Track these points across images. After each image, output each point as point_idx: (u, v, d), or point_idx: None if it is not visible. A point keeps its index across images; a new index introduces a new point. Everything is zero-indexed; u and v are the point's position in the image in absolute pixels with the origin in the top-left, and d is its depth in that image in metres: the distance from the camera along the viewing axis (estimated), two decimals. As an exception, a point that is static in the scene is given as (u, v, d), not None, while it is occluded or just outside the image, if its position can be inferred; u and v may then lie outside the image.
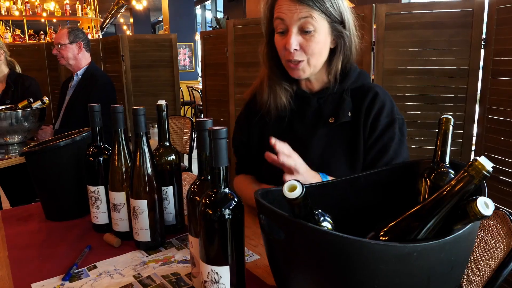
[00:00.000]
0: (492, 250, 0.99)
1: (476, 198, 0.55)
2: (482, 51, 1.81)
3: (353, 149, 1.06)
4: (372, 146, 1.05)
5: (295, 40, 1.00)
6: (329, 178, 1.02)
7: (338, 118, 1.07)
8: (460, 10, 1.83)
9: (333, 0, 1.00)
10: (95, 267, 0.92)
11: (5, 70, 2.59)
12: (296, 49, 1.01)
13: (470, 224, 0.58)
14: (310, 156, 1.08)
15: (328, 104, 1.09)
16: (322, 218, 0.64)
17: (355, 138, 1.06)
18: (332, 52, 1.06)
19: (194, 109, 7.58)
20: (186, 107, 8.14)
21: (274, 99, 1.11)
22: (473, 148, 1.93)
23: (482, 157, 0.56)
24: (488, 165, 0.55)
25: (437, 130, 0.77)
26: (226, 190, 0.66)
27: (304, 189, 0.53)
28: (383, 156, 1.05)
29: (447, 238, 0.56)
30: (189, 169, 2.88)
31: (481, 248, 1.01)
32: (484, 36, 1.80)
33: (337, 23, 1.02)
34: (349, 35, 1.04)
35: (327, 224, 0.64)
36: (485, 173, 0.55)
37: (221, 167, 0.65)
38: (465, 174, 0.56)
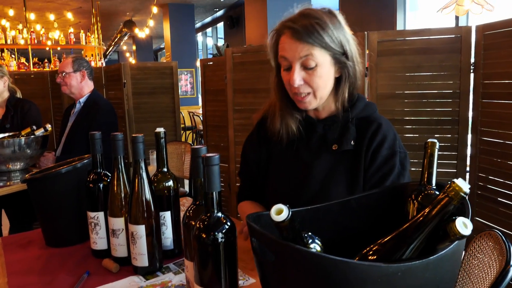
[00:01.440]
0: (486, 269, 1.00)
1: (455, 219, 0.58)
2: (472, 75, 1.86)
3: (353, 177, 1.09)
4: (371, 176, 1.08)
5: (298, 76, 1.03)
6: None
7: (341, 146, 1.09)
8: (449, 36, 1.89)
9: (332, 34, 1.01)
10: (93, 292, 0.94)
11: (6, 95, 2.64)
12: (300, 84, 1.04)
13: (454, 244, 0.60)
14: (312, 181, 1.11)
15: (333, 131, 1.12)
16: (310, 241, 0.66)
17: (356, 167, 1.08)
18: (338, 81, 1.08)
19: (195, 134, 7.64)
20: (188, 132, 8.21)
21: (286, 128, 1.14)
22: (467, 169, 1.96)
23: (459, 179, 0.59)
24: (465, 186, 0.58)
25: (423, 153, 0.80)
26: (219, 214, 0.69)
27: (290, 212, 0.55)
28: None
29: (431, 258, 0.58)
30: (189, 194, 2.90)
31: (475, 266, 1.02)
32: (473, 60, 1.86)
33: (339, 55, 1.04)
34: (353, 65, 1.06)
35: (316, 246, 0.66)
36: (462, 194, 0.58)
37: (214, 192, 0.68)
38: (444, 196, 0.59)
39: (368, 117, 1.12)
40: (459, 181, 0.58)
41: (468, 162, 1.94)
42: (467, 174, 1.95)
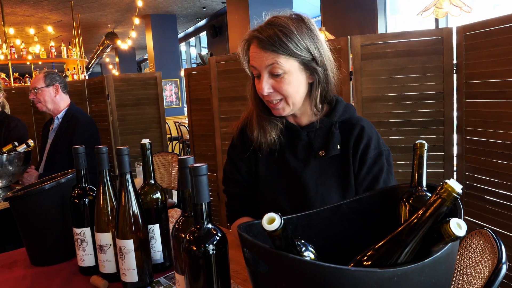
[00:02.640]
0: (479, 268, 1.00)
1: (449, 220, 0.57)
2: (455, 75, 1.88)
3: (344, 181, 1.10)
4: (363, 179, 1.09)
5: (266, 84, 1.04)
6: None
7: (328, 152, 1.10)
8: (430, 38, 1.92)
9: (297, 41, 1.02)
10: (81, 311, 0.90)
11: None
12: (270, 92, 1.05)
13: (448, 246, 0.60)
14: (304, 189, 1.11)
15: (317, 137, 1.13)
16: (304, 249, 0.65)
17: (346, 170, 1.10)
18: (311, 86, 1.09)
19: (182, 144, 7.59)
20: (174, 142, 8.14)
21: (264, 135, 1.14)
22: (454, 168, 1.97)
23: (452, 180, 0.59)
24: (458, 187, 0.57)
25: (412, 155, 0.80)
26: (209, 225, 0.67)
27: (282, 221, 0.54)
28: (374, 187, 1.08)
29: (426, 261, 0.57)
30: (178, 205, 2.86)
31: (468, 265, 1.02)
32: (455, 61, 1.88)
33: (308, 61, 1.04)
34: (323, 70, 1.06)
35: (309, 254, 0.65)
36: (455, 195, 0.57)
37: (203, 203, 0.66)
38: (437, 197, 0.59)
39: (349, 119, 1.14)
40: (451, 182, 0.58)
41: (455, 162, 1.96)
42: (455, 174, 1.97)
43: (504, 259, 0.90)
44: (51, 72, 2.42)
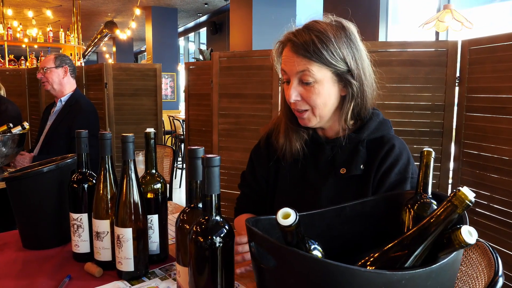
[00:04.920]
0: (473, 282, 1.01)
1: (460, 227, 0.57)
2: (457, 88, 1.90)
3: None
4: None
5: (294, 91, 0.99)
6: None
7: (350, 170, 1.02)
8: (435, 49, 1.94)
9: (334, 49, 0.95)
10: (75, 297, 0.89)
11: None
12: (297, 100, 1.00)
13: (454, 253, 0.60)
14: (318, 204, 1.04)
15: (341, 153, 1.05)
16: (312, 246, 0.65)
17: (364, 192, 1.02)
18: (344, 99, 1.01)
19: (175, 139, 7.54)
20: (167, 136, 8.10)
21: (290, 144, 1.09)
22: (450, 181, 1.99)
23: (465, 187, 0.59)
24: (470, 195, 0.58)
25: (419, 163, 0.80)
26: (218, 218, 0.66)
27: (297, 217, 0.54)
28: None
29: (434, 266, 0.57)
30: (170, 198, 2.84)
31: (460, 280, 1.03)
32: (458, 74, 1.90)
33: (342, 72, 0.97)
34: (358, 84, 0.99)
35: (317, 253, 0.65)
36: (468, 202, 0.57)
37: (213, 195, 0.66)
38: (449, 204, 0.59)
39: (381, 138, 1.04)
40: (464, 189, 0.58)
41: (450, 174, 1.98)
42: (449, 186, 1.98)
43: (500, 272, 0.90)
44: (62, 55, 2.44)
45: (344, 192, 1.03)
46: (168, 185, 2.75)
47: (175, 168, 2.67)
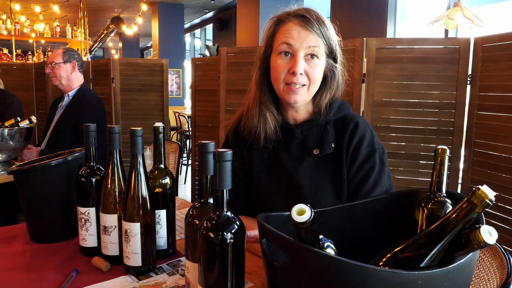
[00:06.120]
0: (484, 283, 0.99)
1: (480, 227, 0.56)
2: (468, 86, 1.87)
3: (338, 179, 1.08)
4: (353, 176, 1.07)
5: (303, 63, 1.02)
6: None
7: (322, 150, 1.08)
8: (447, 46, 1.91)
9: (332, 32, 1.04)
10: (83, 292, 0.88)
11: None
12: (301, 73, 1.02)
13: (471, 253, 0.59)
14: (298, 187, 1.08)
15: (311, 135, 1.11)
16: (326, 244, 0.63)
17: (339, 169, 1.08)
18: (325, 80, 1.08)
19: (180, 135, 7.55)
20: (172, 132, 8.10)
21: (264, 124, 1.10)
22: (459, 181, 1.97)
23: (484, 186, 0.57)
24: (491, 193, 0.56)
25: (433, 161, 0.79)
26: (229, 213, 0.65)
27: (312, 213, 0.52)
28: (363, 186, 1.06)
29: (451, 266, 0.56)
30: (176, 193, 2.84)
31: (472, 282, 1.01)
32: (470, 72, 1.88)
33: (330, 57, 1.06)
34: (338, 70, 1.08)
35: (330, 250, 0.64)
36: (487, 201, 0.56)
37: (224, 190, 0.64)
38: (468, 202, 0.57)
39: (344, 117, 1.12)
40: (484, 188, 0.56)
41: (460, 174, 1.95)
42: (459, 186, 1.96)
43: (514, 273, 0.89)
44: (70, 49, 2.44)
45: (320, 172, 1.09)
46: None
47: (180, 164, 2.66)
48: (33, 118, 2.17)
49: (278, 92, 1.08)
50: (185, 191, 5.07)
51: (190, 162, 5.03)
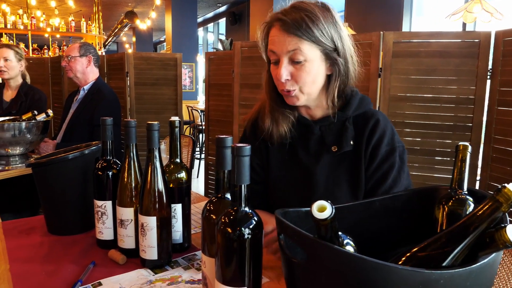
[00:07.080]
0: (504, 283, 0.97)
1: (505, 226, 0.54)
2: (488, 81, 1.83)
3: (355, 177, 1.06)
4: (372, 175, 1.05)
5: (285, 70, 1.00)
6: None
7: (341, 147, 1.06)
8: (466, 40, 1.86)
9: (323, 28, 0.98)
10: (100, 284, 0.89)
11: (19, 80, 2.69)
12: (287, 79, 1.01)
13: (495, 253, 0.57)
14: (315, 184, 1.08)
15: (330, 132, 1.09)
16: (345, 241, 0.63)
17: (357, 166, 1.06)
18: (329, 78, 1.05)
19: (193, 129, 7.58)
20: (185, 126, 8.14)
21: (276, 126, 1.10)
22: (478, 178, 1.93)
23: (511, 184, 0.55)
24: (518, 192, 0.54)
25: (454, 158, 0.77)
26: (247, 209, 0.65)
27: (334, 210, 0.52)
28: (382, 184, 1.04)
29: (474, 266, 0.55)
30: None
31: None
32: (490, 67, 1.83)
33: (330, 51, 1.01)
34: (344, 62, 1.03)
35: (350, 248, 0.63)
36: (514, 200, 0.54)
37: (242, 185, 0.64)
38: (493, 201, 0.56)
39: (364, 114, 1.09)
40: (510, 186, 0.54)
41: (479, 171, 1.92)
42: (477, 183, 1.92)
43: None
44: (86, 44, 2.48)
45: (338, 169, 1.07)
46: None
47: (193, 158, 2.67)
48: (50, 112, 2.19)
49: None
50: (197, 185, 5.10)
51: (203, 156, 5.05)
